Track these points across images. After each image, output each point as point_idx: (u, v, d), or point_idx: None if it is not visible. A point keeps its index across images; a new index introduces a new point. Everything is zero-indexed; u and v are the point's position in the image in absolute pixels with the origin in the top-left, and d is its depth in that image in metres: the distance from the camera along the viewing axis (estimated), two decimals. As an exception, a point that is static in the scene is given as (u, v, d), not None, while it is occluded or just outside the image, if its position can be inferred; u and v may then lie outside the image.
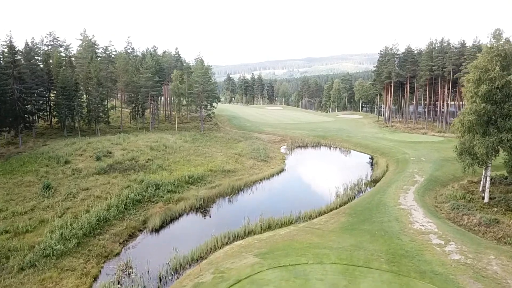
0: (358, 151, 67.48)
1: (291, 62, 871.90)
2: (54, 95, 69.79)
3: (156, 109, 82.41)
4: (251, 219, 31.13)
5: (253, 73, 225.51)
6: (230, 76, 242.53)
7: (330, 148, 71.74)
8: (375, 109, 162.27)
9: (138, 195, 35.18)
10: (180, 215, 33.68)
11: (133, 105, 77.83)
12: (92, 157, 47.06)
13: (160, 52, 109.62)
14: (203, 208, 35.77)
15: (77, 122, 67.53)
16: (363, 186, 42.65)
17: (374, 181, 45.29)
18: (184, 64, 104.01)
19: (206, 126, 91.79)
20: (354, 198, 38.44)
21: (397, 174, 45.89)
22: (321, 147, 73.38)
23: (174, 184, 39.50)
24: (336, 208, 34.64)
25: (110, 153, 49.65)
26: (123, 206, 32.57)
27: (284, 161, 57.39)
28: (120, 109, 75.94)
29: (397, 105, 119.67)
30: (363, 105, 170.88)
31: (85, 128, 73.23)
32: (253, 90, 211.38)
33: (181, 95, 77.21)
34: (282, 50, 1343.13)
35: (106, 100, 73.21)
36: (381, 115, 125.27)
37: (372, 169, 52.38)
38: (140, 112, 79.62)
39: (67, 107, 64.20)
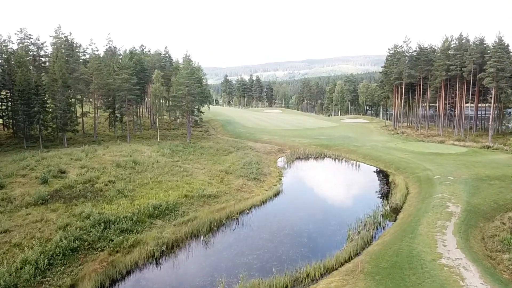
0: (368, 164, 57.62)
1: (291, 64, 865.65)
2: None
3: (135, 115, 72.58)
4: (227, 283, 21.35)
5: (251, 75, 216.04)
6: (228, 78, 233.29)
7: (335, 160, 61.88)
8: (381, 113, 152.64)
9: (75, 240, 25.34)
10: (129, 272, 23.84)
11: (110, 110, 68.16)
12: (38, 178, 37.29)
13: (151, 51, 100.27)
14: (164, 257, 25.93)
15: (39, 131, 57.76)
16: (381, 218, 32.76)
17: (395, 210, 35.42)
18: (173, 65, 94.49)
19: (195, 133, 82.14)
20: (372, 239, 28.60)
21: (423, 200, 36.00)
22: (325, 158, 63.53)
23: (132, 219, 29.69)
24: (349, 260, 24.79)
25: (63, 172, 39.88)
26: (47, 261, 22.78)
27: (281, 179, 47.55)
28: (93, 115, 66.21)
29: (406, 108, 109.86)
30: (367, 108, 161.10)
31: (53, 138, 63.58)
32: (251, 92, 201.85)
33: (164, 99, 67.37)
34: (283, 52, 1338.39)
35: (74, 106, 63.54)
36: (388, 119, 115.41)
37: (388, 191, 42.48)
38: (118, 119, 69.90)
39: (26, 114, 54.63)
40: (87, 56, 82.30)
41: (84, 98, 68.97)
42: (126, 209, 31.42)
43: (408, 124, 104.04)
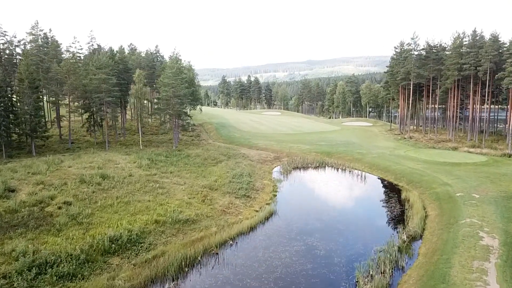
0: (375, 175, 50.91)
1: (292, 65, 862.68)
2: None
3: (117, 119, 65.73)
4: None
5: (249, 75, 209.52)
6: (227, 79, 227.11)
7: (337, 170, 55.14)
8: (384, 115, 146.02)
9: (-12, 296, 18.70)
10: None
11: (89, 114, 61.52)
12: (-22, 199, 30.63)
13: (141, 51, 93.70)
14: (111, 319, 19.20)
15: (6, 138, 51.15)
16: (398, 254, 25.94)
17: (413, 239, 28.71)
18: (162, 64, 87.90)
19: (185, 138, 75.57)
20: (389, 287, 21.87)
21: (447, 228, 29.23)
22: (326, 168, 56.80)
23: (78, 259, 23.00)
24: (361, 325, 18.06)
25: (12, 191, 33.22)
26: None
27: (275, 196, 40.82)
28: (68, 119, 59.57)
29: (411, 110, 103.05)
30: (370, 110, 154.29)
31: (22, 145, 56.99)
32: (250, 93, 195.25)
33: (148, 101, 60.71)
34: (283, 53, 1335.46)
35: (57, 109, 56.92)
36: (392, 122, 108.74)
37: (402, 213, 35.73)
38: (98, 123, 63.18)
39: (-14, 119, 48.06)
40: (69, 55, 76.13)
41: (60, 101, 62.24)
42: (74, 244, 24.72)
43: (415, 127, 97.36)
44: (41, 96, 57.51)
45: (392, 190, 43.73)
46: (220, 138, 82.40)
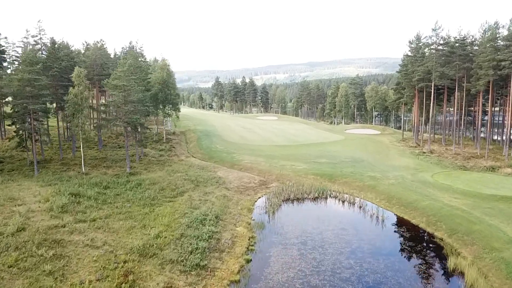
0: (396, 214, 36.26)
1: (292, 66, 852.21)
2: None
3: (44, 132, 51.03)
4: None
5: (243, 77, 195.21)
6: (220, 80, 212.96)
7: (343, 204, 40.53)
8: (392, 120, 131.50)
9: None
10: None
11: (17, 126, 47.09)
12: None
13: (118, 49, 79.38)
14: None
15: None
16: None
17: None
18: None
19: (152, 153, 61.05)
20: None
21: None
22: (328, 199, 42.21)
23: None
24: None
25: None
26: None
27: (249, 262, 26.12)
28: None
29: (426, 115, 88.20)
30: (376, 114, 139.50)
31: None
32: (244, 96, 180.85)
33: (91, 109, 46.22)
34: (284, 54, 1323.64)
35: None
36: (403, 129, 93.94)
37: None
38: (32, 138, 48.62)
39: None
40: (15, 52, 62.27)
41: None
42: None
43: (432, 135, 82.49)
44: None
45: (427, 247, 29.08)
46: (200, 151, 68.02)
